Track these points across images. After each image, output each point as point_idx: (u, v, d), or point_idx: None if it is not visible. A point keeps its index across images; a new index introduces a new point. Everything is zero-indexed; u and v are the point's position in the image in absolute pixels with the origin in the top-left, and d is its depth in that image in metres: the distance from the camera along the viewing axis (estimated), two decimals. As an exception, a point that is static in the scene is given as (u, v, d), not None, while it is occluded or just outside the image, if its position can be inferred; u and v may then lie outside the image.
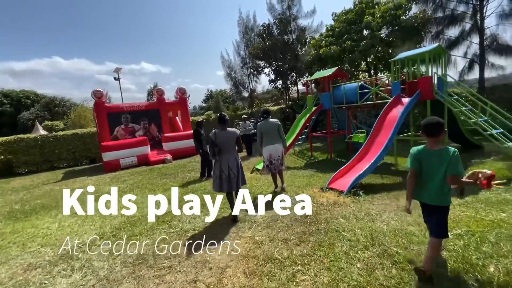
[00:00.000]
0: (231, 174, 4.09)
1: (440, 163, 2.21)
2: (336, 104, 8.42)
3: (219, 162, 4.08)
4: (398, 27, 10.83)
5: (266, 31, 18.09)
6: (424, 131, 2.33)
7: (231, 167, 4.09)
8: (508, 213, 3.45)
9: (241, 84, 22.54)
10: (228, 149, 4.09)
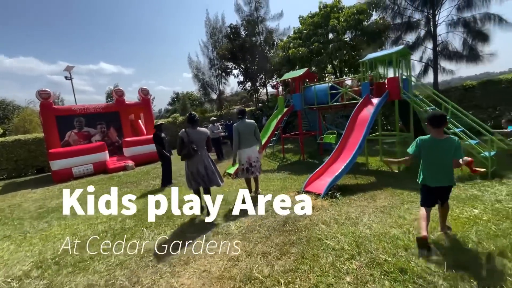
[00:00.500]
0: (208, 172, 4.15)
1: (448, 150, 2.63)
2: (307, 105, 8.36)
3: (193, 161, 4.06)
4: (361, 32, 11.26)
5: (234, 32, 17.77)
6: (430, 123, 2.69)
7: (207, 165, 4.16)
8: (479, 209, 3.51)
9: (209, 86, 21.88)
10: (200, 147, 4.10)
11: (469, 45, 10.69)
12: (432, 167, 2.73)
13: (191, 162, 4.10)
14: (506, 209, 3.41)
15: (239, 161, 4.92)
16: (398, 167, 6.09)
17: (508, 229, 2.88)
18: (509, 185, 4.26)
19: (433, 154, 2.70)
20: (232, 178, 6.93)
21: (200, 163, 4.10)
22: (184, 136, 4.05)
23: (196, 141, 4.06)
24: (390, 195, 4.43)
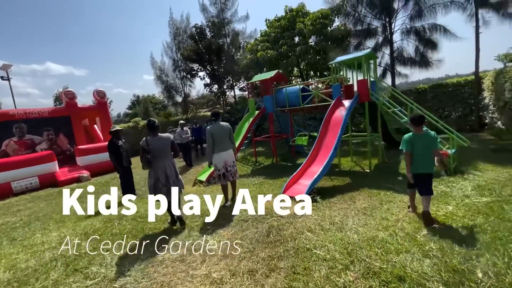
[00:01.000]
0: (169, 182, 3.92)
1: (427, 142, 3.19)
2: (279, 108, 8.27)
3: (154, 170, 3.87)
4: (325, 37, 11.62)
5: (199, 33, 17.18)
6: (413, 122, 3.30)
7: (169, 175, 3.93)
8: (452, 205, 3.64)
9: (174, 88, 20.85)
10: (163, 156, 3.90)
11: (421, 52, 11.68)
12: (415, 158, 3.26)
13: (151, 171, 3.90)
14: (476, 204, 3.58)
15: (215, 167, 4.57)
16: (371, 166, 6.26)
17: (483, 224, 2.98)
18: (471, 180, 4.55)
19: (416, 147, 3.23)
20: (204, 186, 6.49)
21: (161, 173, 3.87)
22: (144, 145, 3.84)
23: (157, 149, 3.84)
24: (367, 196, 4.44)
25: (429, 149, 3.17)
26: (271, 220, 3.83)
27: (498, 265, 2.17)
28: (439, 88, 11.12)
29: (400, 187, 4.66)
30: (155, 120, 4.04)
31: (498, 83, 8.24)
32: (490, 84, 8.95)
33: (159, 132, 3.99)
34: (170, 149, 4.03)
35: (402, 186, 4.69)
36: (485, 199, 3.68)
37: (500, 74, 8.17)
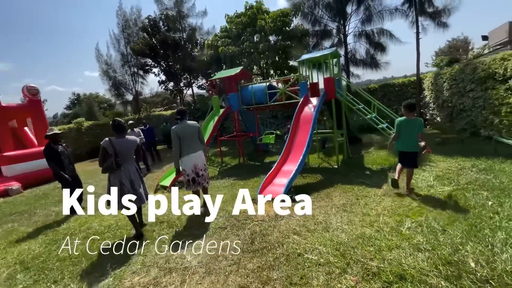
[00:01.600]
0: (136, 187, 3.56)
1: (414, 126, 3.87)
2: (244, 106, 8.01)
3: (117, 174, 3.45)
4: (286, 35, 11.75)
5: (152, 25, 15.85)
6: (407, 108, 3.94)
7: (134, 179, 3.57)
8: (422, 196, 3.84)
9: (123, 85, 18.95)
10: (127, 160, 3.55)
11: (371, 54, 12.62)
12: (405, 138, 3.94)
13: (114, 177, 3.46)
14: (440, 193, 3.84)
15: (183, 171, 4.11)
16: (338, 161, 6.41)
17: (455, 212, 3.17)
18: (430, 171, 4.93)
19: (406, 130, 3.91)
20: (169, 192, 5.88)
21: (124, 178, 3.47)
22: (107, 146, 3.39)
23: (123, 152, 3.47)
24: (343, 192, 4.47)
25: (415, 132, 3.85)
26: (252, 225, 3.55)
27: (484, 253, 2.27)
28: (387, 87, 12.17)
29: (370, 181, 4.82)
30: (121, 120, 3.63)
31: (437, 83, 9.30)
32: (430, 84, 10.07)
33: (125, 134, 3.61)
34: (133, 153, 3.66)
35: (373, 180, 4.88)
36: (447, 188, 3.97)
37: (438, 76, 9.23)
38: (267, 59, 11.57)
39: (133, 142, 3.63)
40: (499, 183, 3.85)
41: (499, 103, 5.98)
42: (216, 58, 12.10)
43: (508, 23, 11.33)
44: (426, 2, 10.44)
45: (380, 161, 6.16)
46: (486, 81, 6.45)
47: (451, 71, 8.29)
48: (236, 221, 3.76)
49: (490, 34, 13.14)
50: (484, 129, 6.77)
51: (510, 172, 4.24)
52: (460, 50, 30.86)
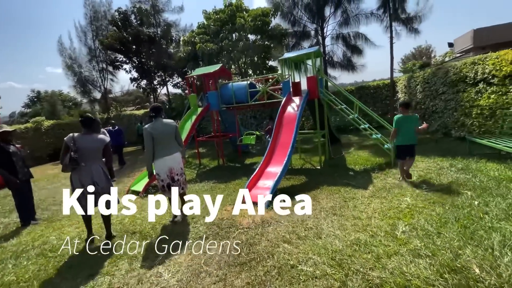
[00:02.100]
0: (97, 189, 3.17)
1: (411, 122, 4.36)
2: (224, 104, 7.65)
3: (78, 174, 3.11)
4: (266, 34, 11.59)
5: (123, 19, 14.82)
6: (404, 106, 4.49)
7: (97, 181, 3.17)
8: (409, 197, 3.79)
9: (90, 82, 17.55)
10: (90, 158, 3.15)
11: (347, 57, 12.89)
12: (404, 133, 4.38)
13: (74, 177, 3.13)
14: (427, 194, 3.81)
15: (157, 176, 3.68)
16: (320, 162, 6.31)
17: (444, 213, 3.12)
18: (411, 171, 4.95)
19: (405, 125, 4.37)
20: (141, 197, 5.36)
21: (86, 179, 3.11)
22: (69, 142, 3.06)
23: (85, 149, 3.10)
24: (329, 194, 4.32)
25: (413, 126, 4.33)
26: (237, 233, 3.24)
27: (486, 257, 2.17)
28: (363, 89, 12.48)
29: (355, 182, 4.73)
30: (91, 116, 3.24)
31: (410, 86, 9.66)
32: (403, 87, 10.46)
33: (94, 131, 3.27)
34: (101, 152, 3.28)
35: (358, 181, 4.80)
36: (432, 188, 3.97)
37: (411, 79, 9.60)
38: (246, 58, 11.30)
39: (99, 141, 3.23)
40: (480, 182, 3.91)
41: (470, 105, 6.26)
42: (193, 55, 11.58)
43: (472, 31, 12.21)
44: (400, 8, 10.87)
45: (362, 161, 6.15)
46: (458, 84, 6.74)
47: (424, 75, 8.64)
48: (218, 229, 3.42)
49: (456, 41, 14.15)
50: (455, 130, 7.08)
51: (487, 171, 4.36)
52: (424, 57, 33.15)
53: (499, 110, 5.40)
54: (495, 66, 5.50)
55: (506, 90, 5.28)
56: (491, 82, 5.65)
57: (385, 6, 11.04)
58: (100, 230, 3.78)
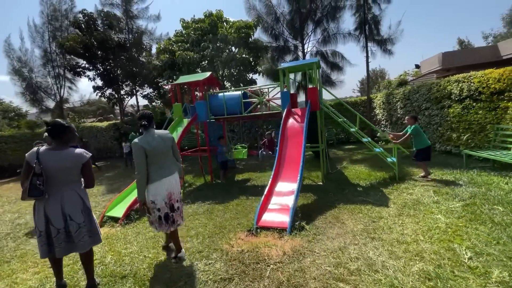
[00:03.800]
0: (70, 226, 2.30)
1: (421, 130, 5.39)
2: (213, 115, 7.00)
3: (43, 206, 2.25)
4: (248, 47, 11.36)
5: (88, 22, 13.39)
6: (415, 118, 5.44)
7: (70, 213, 2.30)
8: (440, 214, 3.54)
9: (43, 90, 15.35)
10: (61, 182, 2.29)
11: (326, 74, 13.22)
12: (422, 138, 5.24)
13: (38, 207, 2.29)
14: (455, 211, 3.61)
15: (151, 204, 2.82)
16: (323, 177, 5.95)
17: (492, 232, 2.88)
18: (421, 186, 4.82)
19: (421, 132, 5.30)
20: (121, 225, 4.36)
21: (53, 210, 2.25)
22: (31, 160, 2.22)
23: (55, 170, 2.25)
24: (351, 213, 3.91)
25: (423, 133, 5.31)
26: (270, 270, 2.59)
27: None
28: (342, 105, 12.78)
29: (372, 199, 4.42)
30: (62, 123, 2.35)
31: (389, 102, 10.08)
32: (381, 103, 10.90)
33: (67, 144, 2.39)
34: (77, 174, 2.39)
35: (373, 197, 4.49)
36: (457, 204, 3.79)
37: (390, 95, 10.03)
38: (229, 69, 10.85)
39: (75, 158, 2.33)
40: (500, 196, 3.85)
41: (457, 120, 6.54)
42: (170, 64, 10.77)
43: (440, 54, 13.54)
44: (374, 30, 11.55)
45: (364, 176, 5.94)
46: (442, 101, 7.07)
47: (404, 91, 9.06)
48: (243, 265, 2.73)
49: (423, 63, 15.61)
50: (440, 144, 7.36)
51: (496, 184, 4.38)
52: (379, 78, 36.50)
53: (489, 125, 5.66)
54: (481, 83, 5.83)
55: (495, 106, 5.57)
56: (478, 98, 5.96)
57: (361, 27, 11.66)
58: (73, 275, 2.82)
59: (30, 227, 4.73)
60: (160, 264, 2.94)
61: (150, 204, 2.80)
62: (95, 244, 2.45)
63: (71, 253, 2.45)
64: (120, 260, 3.11)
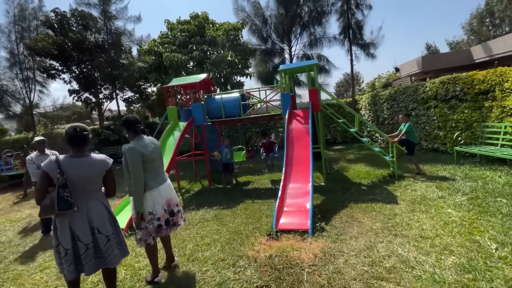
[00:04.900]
0: (99, 239, 2.08)
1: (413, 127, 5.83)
2: (209, 118, 6.82)
3: (69, 220, 2.00)
4: (236, 49, 11.30)
5: (60, 21, 12.52)
6: (408, 116, 6.06)
7: (98, 226, 2.09)
8: (450, 208, 3.70)
9: (9, 94, 14.05)
10: (85, 192, 2.10)
11: (312, 76, 13.52)
12: (414, 134, 5.70)
13: (62, 224, 2.01)
14: (462, 204, 3.79)
15: (150, 215, 2.53)
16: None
17: (504, 223, 3.05)
18: (421, 182, 5.03)
19: (413, 129, 5.73)
20: (125, 237, 4.05)
21: (82, 226, 2.03)
22: (52, 171, 1.97)
23: (80, 180, 2.05)
24: (364, 212, 3.96)
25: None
26: (306, 274, 2.53)
27: None
28: (329, 107, 13.12)
29: (380, 196, 4.52)
30: (85, 127, 2.15)
31: (375, 103, 10.50)
32: (367, 104, 11.32)
33: (87, 150, 2.18)
34: (101, 181, 2.21)
35: (380, 195, 4.59)
36: (462, 198, 3.98)
37: (376, 97, 10.45)
38: (221, 71, 10.70)
39: (100, 165, 2.16)
40: (498, 189, 4.11)
41: (444, 119, 6.94)
42: (156, 66, 10.40)
43: (420, 57, 14.41)
44: (358, 34, 12.03)
45: (364, 175, 6.09)
46: (429, 101, 7.49)
47: (390, 93, 9.48)
48: (275, 270, 2.64)
49: (402, 66, 16.51)
50: (427, 142, 7.78)
51: (491, 178, 4.68)
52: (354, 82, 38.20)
53: (476, 123, 6.07)
54: (466, 84, 6.25)
55: (480, 105, 5.99)
56: (463, 98, 6.38)
57: (345, 32, 12.08)
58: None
59: (15, 245, 4.25)
60: (183, 276, 2.76)
61: (148, 216, 2.50)
62: (124, 256, 2.25)
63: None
64: (137, 275, 2.88)
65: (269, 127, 11.83)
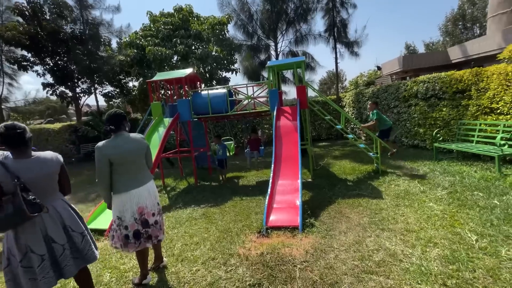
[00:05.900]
0: (74, 238, 2.01)
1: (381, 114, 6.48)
2: (195, 114, 6.67)
3: (38, 225, 1.84)
4: (223, 44, 11.12)
5: (33, 10, 11.69)
6: (375, 104, 6.57)
7: (70, 224, 2.00)
8: (432, 202, 3.86)
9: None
10: (47, 192, 1.95)
11: (299, 73, 13.60)
12: (385, 121, 6.31)
13: (31, 230, 1.83)
14: (443, 198, 3.97)
15: (117, 220, 2.41)
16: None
17: (482, 215, 3.23)
18: (403, 177, 5.22)
19: (382, 116, 6.31)
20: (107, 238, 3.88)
21: (54, 226, 1.90)
22: (0, 178, 1.72)
23: (36, 181, 1.85)
24: (351, 207, 4.05)
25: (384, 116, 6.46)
26: (298, 270, 2.54)
27: None
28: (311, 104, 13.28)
29: (366, 192, 4.64)
30: (19, 125, 1.89)
31: (359, 101, 10.76)
32: (350, 102, 11.58)
33: (30, 148, 1.94)
34: (57, 179, 2.04)
35: (366, 191, 4.70)
36: (442, 192, 4.18)
37: (360, 94, 10.71)
38: (207, 66, 10.48)
39: (53, 161, 2.00)
40: (474, 183, 4.35)
41: (423, 117, 7.24)
42: (139, 59, 10.01)
43: (401, 57, 14.89)
44: (342, 32, 12.20)
45: (349, 171, 6.23)
46: (409, 99, 7.77)
47: (373, 90, 9.74)
48: (268, 268, 2.63)
49: (384, 65, 17.00)
50: (408, 138, 8.09)
51: (467, 172, 4.94)
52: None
53: (453, 121, 6.37)
54: (445, 84, 6.54)
55: (457, 103, 6.29)
56: (442, 97, 6.67)
57: (330, 30, 12.22)
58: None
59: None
60: (173, 276, 2.68)
61: (116, 220, 2.39)
62: (92, 260, 2.14)
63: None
64: (123, 277, 2.77)
65: (255, 123, 11.80)
